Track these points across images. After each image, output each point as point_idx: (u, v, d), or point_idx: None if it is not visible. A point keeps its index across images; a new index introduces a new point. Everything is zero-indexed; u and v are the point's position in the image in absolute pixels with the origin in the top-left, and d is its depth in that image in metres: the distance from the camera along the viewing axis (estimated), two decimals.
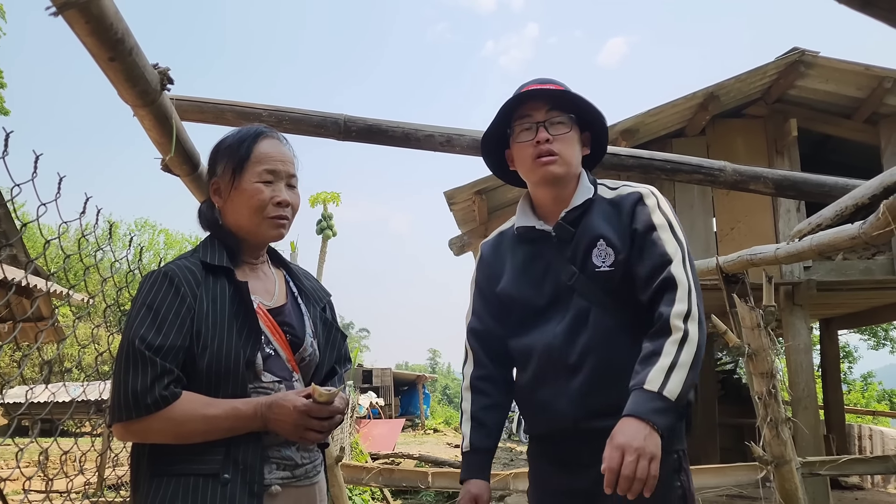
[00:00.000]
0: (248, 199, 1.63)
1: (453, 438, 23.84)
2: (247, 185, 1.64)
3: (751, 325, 3.39)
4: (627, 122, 7.98)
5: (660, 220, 1.75)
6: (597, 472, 1.55)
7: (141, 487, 1.50)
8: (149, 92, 1.67)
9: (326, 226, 8.28)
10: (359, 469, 4.02)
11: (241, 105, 2.57)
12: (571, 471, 1.81)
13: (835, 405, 11.16)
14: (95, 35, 1.33)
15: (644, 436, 1.51)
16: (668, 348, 1.60)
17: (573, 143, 1.84)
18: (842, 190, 2.92)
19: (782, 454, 3.31)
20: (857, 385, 26.35)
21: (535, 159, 1.81)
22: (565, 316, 1.80)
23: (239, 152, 1.65)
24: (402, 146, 2.76)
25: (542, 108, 1.82)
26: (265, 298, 1.68)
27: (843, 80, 8.31)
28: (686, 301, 1.64)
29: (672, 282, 1.67)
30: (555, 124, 1.81)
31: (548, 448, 1.91)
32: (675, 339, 1.60)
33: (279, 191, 1.66)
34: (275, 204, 1.64)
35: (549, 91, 1.83)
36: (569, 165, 1.83)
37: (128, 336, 1.47)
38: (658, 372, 1.57)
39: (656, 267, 1.70)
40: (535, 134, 1.81)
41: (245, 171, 1.64)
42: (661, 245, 1.72)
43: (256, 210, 1.63)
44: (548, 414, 1.83)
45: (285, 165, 1.68)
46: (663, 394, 1.55)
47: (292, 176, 1.70)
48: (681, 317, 1.62)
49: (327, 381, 1.79)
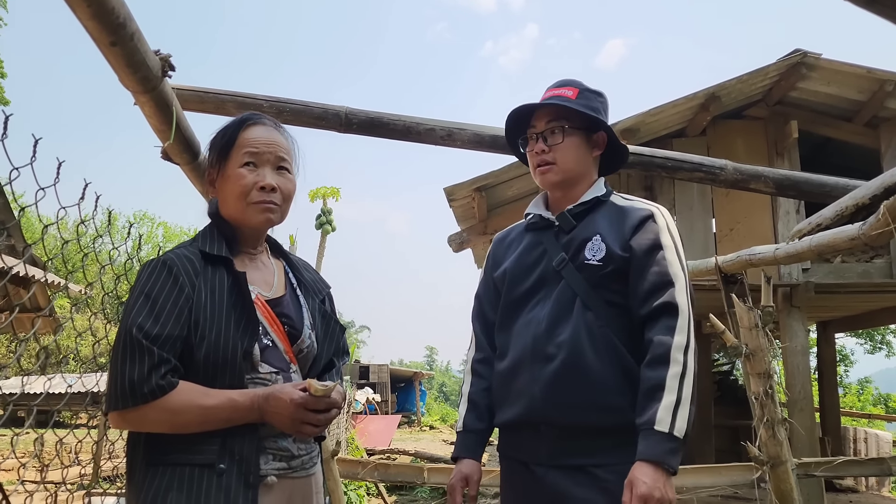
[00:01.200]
0: (232, 185, 1.62)
1: (449, 436, 23.85)
2: (231, 171, 1.63)
3: (748, 326, 3.39)
4: (628, 121, 7.97)
5: (667, 242, 1.84)
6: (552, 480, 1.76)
7: (136, 476, 1.50)
8: (150, 78, 1.66)
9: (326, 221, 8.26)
10: (355, 464, 4.02)
11: (242, 95, 2.56)
12: (531, 474, 1.86)
13: (831, 408, 11.17)
14: (97, 18, 1.33)
15: (664, 483, 1.61)
16: (671, 383, 1.68)
17: (571, 150, 1.96)
18: (842, 190, 2.91)
19: (778, 455, 3.31)
20: (853, 388, 26.39)
21: (535, 168, 2.01)
22: (549, 301, 1.88)
23: (224, 139, 1.65)
24: (403, 139, 2.76)
25: (544, 118, 1.99)
26: (264, 289, 1.67)
27: (844, 83, 8.30)
28: (685, 332, 1.73)
29: (674, 308, 1.75)
30: (553, 134, 1.97)
31: (512, 440, 1.95)
32: (677, 373, 1.69)
33: (263, 175, 1.63)
34: (258, 188, 1.62)
35: (547, 104, 1.98)
36: (566, 172, 1.97)
37: (125, 324, 1.46)
38: (665, 411, 1.65)
39: (657, 285, 1.78)
40: (535, 144, 1.99)
41: (230, 157, 1.64)
42: (665, 265, 1.80)
43: (240, 195, 1.62)
44: (522, 400, 1.87)
45: (271, 148, 1.65)
46: (674, 433, 1.64)
47: (282, 159, 1.67)
48: (681, 349, 1.71)
49: (325, 374, 1.79)
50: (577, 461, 1.79)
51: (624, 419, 1.77)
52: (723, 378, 13.37)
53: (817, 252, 2.94)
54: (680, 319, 1.74)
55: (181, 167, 2.20)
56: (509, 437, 1.97)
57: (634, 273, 1.82)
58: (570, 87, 1.99)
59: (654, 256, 1.81)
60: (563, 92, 1.98)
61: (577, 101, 1.95)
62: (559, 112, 1.96)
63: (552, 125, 1.96)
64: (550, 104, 1.97)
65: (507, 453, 1.98)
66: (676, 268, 1.80)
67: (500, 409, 1.97)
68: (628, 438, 1.77)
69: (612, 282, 1.84)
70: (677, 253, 1.83)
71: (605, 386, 1.79)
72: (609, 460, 1.77)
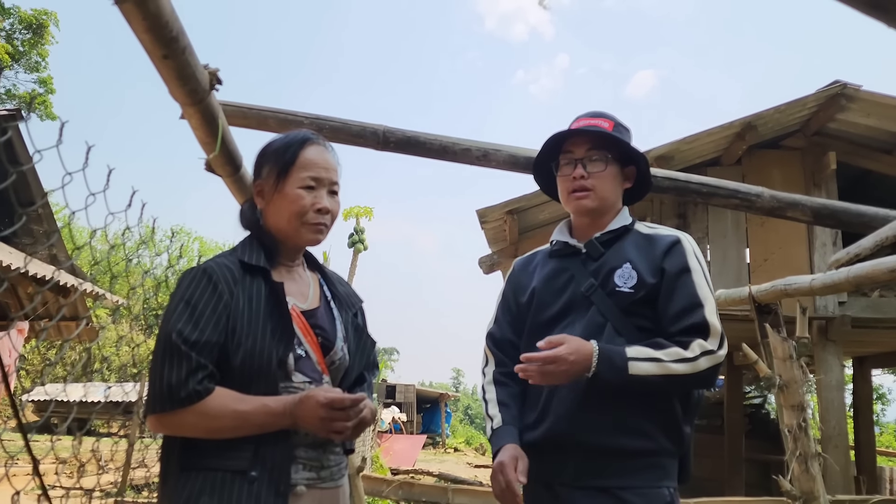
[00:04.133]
0: (290, 205, 1.66)
1: (474, 458, 23.68)
2: (290, 190, 1.67)
3: (783, 357, 3.34)
4: (662, 148, 7.94)
5: (694, 265, 1.87)
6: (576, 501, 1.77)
7: (169, 480, 1.53)
8: (198, 91, 1.71)
9: (358, 239, 8.37)
10: (379, 481, 4.02)
11: (284, 112, 2.62)
12: (555, 496, 1.85)
13: (866, 446, 10.85)
14: (152, 32, 1.38)
15: (584, 359, 1.72)
16: (670, 351, 1.75)
17: (609, 180, 1.98)
18: (882, 220, 2.87)
19: (811, 490, 3.23)
20: (891, 427, 25.64)
21: (570, 192, 2.00)
22: (577, 326, 1.88)
23: (285, 157, 1.69)
24: (439, 158, 2.79)
25: (583, 145, 1.98)
26: (299, 300, 1.70)
27: (884, 115, 8.19)
28: (716, 344, 1.77)
29: (706, 327, 1.78)
30: (593, 161, 1.97)
31: (537, 461, 1.92)
32: (681, 353, 1.74)
33: (321, 198, 1.68)
34: (315, 211, 1.67)
35: (591, 131, 1.98)
36: (602, 200, 1.98)
37: (166, 329, 1.50)
38: (644, 353, 1.74)
39: (687, 307, 1.81)
40: (574, 169, 1.98)
41: (289, 176, 1.67)
42: (693, 287, 1.83)
43: (297, 215, 1.66)
44: (547, 420, 1.87)
45: (328, 173, 1.71)
46: (628, 364, 1.72)
47: (334, 183, 1.73)
48: (703, 349, 1.75)
49: (356, 386, 1.81)
50: (601, 483, 1.78)
51: (651, 443, 1.79)
52: (755, 411, 13.09)
53: (855, 283, 2.89)
54: (711, 336, 1.77)
55: (223, 179, 2.26)
56: (534, 458, 1.95)
57: (664, 295, 1.84)
58: (606, 120, 2.01)
59: (682, 279, 1.84)
60: (598, 123, 2.00)
61: (614, 134, 1.97)
62: (602, 141, 1.97)
63: (593, 153, 1.97)
64: (595, 131, 1.98)
65: (531, 475, 1.96)
66: (705, 290, 1.83)
67: (525, 431, 1.96)
68: (655, 461, 1.77)
69: (643, 308, 1.86)
70: (704, 276, 1.86)
71: (632, 409, 1.79)
72: (634, 483, 1.76)
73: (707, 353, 1.75)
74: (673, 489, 1.82)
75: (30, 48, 24.32)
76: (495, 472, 1.84)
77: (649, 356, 1.73)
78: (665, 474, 1.82)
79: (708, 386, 1.87)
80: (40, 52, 24.61)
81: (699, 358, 1.74)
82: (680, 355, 1.74)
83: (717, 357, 1.76)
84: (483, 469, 19.30)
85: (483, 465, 20.49)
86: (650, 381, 1.72)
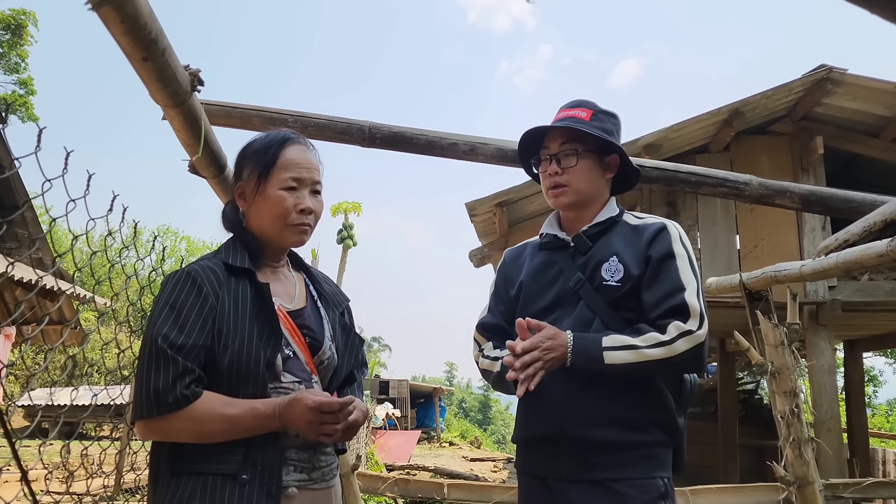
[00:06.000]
0: (272, 206, 1.64)
1: (469, 452, 23.73)
2: (271, 191, 1.65)
3: (774, 343, 3.34)
4: (650, 136, 7.94)
5: (679, 250, 1.86)
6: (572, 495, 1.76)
7: (160, 485, 1.51)
8: (179, 93, 1.68)
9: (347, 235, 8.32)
10: (375, 478, 4.01)
11: (268, 111, 2.59)
12: (550, 490, 1.84)
13: (858, 428, 10.94)
14: (130, 34, 1.34)
15: (560, 346, 1.74)
16: (647, 336, 1.74)
17: (583, 173, 1.97)
18: (869, 206, 2.87)
19: (805, 475, 3.25)
20: (882, 409, 25.88)
21: (548, 190, 2.01)
22: (566, 320, 1.87)
23: (265, 158, 1.66)
24: (426, 154, 2.77)
25: (557, 140, 1.99)
26: (285, 301, 1.69)
27: (870, 99, 8.21)
28: (696, 324, 1.75)
29: (685, 308, 1.77)
30: (566, 156, 1.97)
31: (531, 456, 1.93)
32: (657, 337, 1.74)
33: (303, 198, 1.66)
34: (298, 211, 1.65)
35: (562, 128, 1.98)
36: (578, 194, 1.97)
37: (150, 334, 1.48)
38: (621, 341, 1.74)
39: (669, 292, 1.80)
40: (549, 165, 1.99)
41: (270, 177, 1.65)
42: (676, 273, 1.82)
43: (280, 217, 1.65)
44: (540, 416, 1.87)
45: (310, 173, 1.69)
46: (604, 353, 1.72)
47: (317, 182, 1.71)
48: (679, 330, 1.74)
49: (346, 386, 1.80)
50: (596, 476, 1.78)
51: (644, 435, 1.79)
52: (747, 397, 13.17)
53: (844, 269, 2.89)
54: (691, 317, 1.76)
55: (208, 180, 2.23)
56: (528, 454, 1.96)
57: (647, 281, 1.84)
58: (584, 108, 2.00)
59: (665, 265, 1.84)
60: (576, 113, 1.99)
61: (591, 123, 1.96)
62: (573, 134, 1.96)
63: (565, 147, 1.96)
64: (564, 126, 1.97)
65: (525, 470, 1.96)
66: (688, 275, 1.82)
67: (518, 426, 1.97)
68: (649, 451, 1.77)
69: (631, 301, 1.86)
70: (689, 261, 1.85)
71: (624, 402, 1.80)
72: (629, 474, 1.77)
73: (685, 335, 1.73)
74: (667, 479, 1.83)
75: (9, 49, 24.01)
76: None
77: (625, 344, 1.73)
78: (659, 465, 1.82)
79: (694, 369, 1.86)
80: (20, 52, 24.30)
81: (676, 340, 1.73)
82: (656, 339, 1.73)
83: (696, 337, 1.74)
84: (478, 462, 19.36)
85: (478, 459, 20.55)
86: (628, 368, 1.72)
